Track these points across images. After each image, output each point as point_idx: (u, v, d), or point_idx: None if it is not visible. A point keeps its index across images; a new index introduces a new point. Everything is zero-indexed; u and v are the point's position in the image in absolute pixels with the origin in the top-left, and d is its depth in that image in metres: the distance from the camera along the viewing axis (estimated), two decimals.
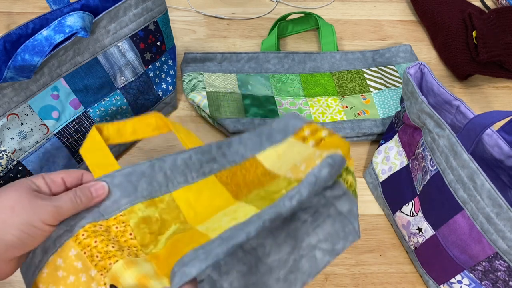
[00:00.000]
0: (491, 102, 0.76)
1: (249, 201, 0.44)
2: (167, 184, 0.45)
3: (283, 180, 0.45)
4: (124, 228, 0.41)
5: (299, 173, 0.44)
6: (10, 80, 0.47)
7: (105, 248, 0.39)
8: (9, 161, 0.51)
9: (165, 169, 0.45)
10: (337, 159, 0.40)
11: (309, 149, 0.46)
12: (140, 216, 0.42)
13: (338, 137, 0.46)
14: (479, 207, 0.45)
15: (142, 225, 0.42)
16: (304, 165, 0.44)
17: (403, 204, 0.56)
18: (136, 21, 0.57)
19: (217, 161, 0.48)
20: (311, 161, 0.43)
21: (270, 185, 0.46)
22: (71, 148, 0.57)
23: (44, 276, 0.39)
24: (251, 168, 0.48)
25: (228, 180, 0.47)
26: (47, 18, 0.52)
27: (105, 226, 0.41)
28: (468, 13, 0.77)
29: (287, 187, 0.43)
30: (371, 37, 0.83)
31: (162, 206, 0.44)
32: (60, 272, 0.39)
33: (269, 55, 0.73)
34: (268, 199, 0.42)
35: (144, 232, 0.42)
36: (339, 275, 0.57)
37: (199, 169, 0.47)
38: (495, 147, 0.52)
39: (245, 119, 0.64)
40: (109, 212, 0.41)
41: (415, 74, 0.54)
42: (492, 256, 0.45)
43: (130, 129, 0.49)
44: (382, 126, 0.68)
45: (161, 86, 0.66)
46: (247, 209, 0.42)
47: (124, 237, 0.41)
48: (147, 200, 0.43)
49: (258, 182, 0.47)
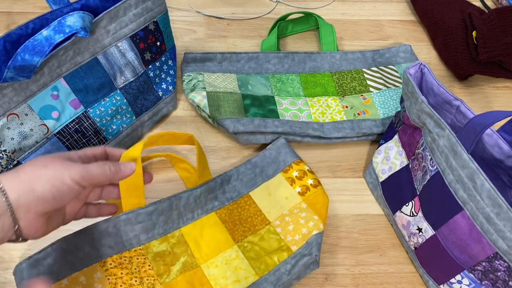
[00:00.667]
0: (491, 102, 0.76)
1: (246, 251, 0.54)
2: (178, 221, 0.54)
3: (274, 236, 0.55)
4: (144, 260, 0.50)
5: (286, 234, 0.55)
6: (10, 80, 0.47)
7: (129, 281, 0.48)
8: (9, 161, 0.51)
9: (179, 206, 0.54)
10: (317, 247, 0.54)
11: (295, 197, 0.58)
12: (155, 252, 0.51)
13: (321, 190, 0.59)
14: (479, 207, 0.45)
15: (157, 258, 0.51)
16: (292, 225, 0.55)
17: (403, 204, 0.56)
18: (136, 21, 0.57)
19: (218, 199, 0.57)
20: (297, 225, 0.55)
21: (262, 234, 0.55)
22: (71, 148, 0.57)
23: (62, 286, 0.46)
24: (245, 206, 0.58)
25: (226, 217, 0.56)
26: (47, 18, 0.52)
27: (128, 258, 0.50)
28: (468, 13, 0.77)
29: (279, 254, 0.53)
30: (371, 37, 0.83)
31: (173, 241, 0.53)
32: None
33: (269, 55, 0.73)
34: (263, 261, 0.53)
35: (159, 264, 0.51)
36: (339, 275, 0.57)
37: (204, 206, 0.56)
38: (495, 147, 0.52)
39: (245, 119, 0.64)
40: (130, 244, 0.50)
41: (415, 74, 0.54)
42: (492, 256, 0.45)
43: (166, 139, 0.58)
44: (382, 126, 0.68)
45: (161, 86, 0.66)
46: (248, 271, 0.52)
47: (144, 268, 0.50)
48: (161, 237, 0.52)
49: (251, 222, 0.56)
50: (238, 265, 0.53)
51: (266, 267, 0.53)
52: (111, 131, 0.61)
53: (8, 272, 0.54)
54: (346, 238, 0.60)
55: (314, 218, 0.56)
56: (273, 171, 0.61)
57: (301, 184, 0.59)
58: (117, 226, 0.50)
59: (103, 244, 0.49)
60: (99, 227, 0.49)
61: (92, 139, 0.59)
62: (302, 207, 0.57)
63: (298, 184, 0.59)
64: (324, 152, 0.68)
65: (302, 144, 0.68)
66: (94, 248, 0.48)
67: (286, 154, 0.62)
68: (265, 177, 0.60)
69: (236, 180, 0.59)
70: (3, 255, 0.56)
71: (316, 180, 0.60)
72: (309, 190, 0.59)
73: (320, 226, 0.55)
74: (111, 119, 0.60)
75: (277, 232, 0.55)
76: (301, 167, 0.61)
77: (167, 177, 0.63)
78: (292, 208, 0.57)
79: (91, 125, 0.58)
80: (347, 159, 0.67)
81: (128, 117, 0.62)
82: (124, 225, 0.50)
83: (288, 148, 0.62)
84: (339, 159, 0.67)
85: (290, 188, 0.59)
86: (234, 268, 0.52)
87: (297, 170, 0.60)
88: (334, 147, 0.69)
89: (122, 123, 0.62)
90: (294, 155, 0.62)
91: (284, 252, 0.54)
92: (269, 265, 0.53)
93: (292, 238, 0.55)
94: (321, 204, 0.58)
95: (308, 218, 0.56)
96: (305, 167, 0.61)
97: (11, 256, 0.56)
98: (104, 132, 0.60)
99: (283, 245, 0.54)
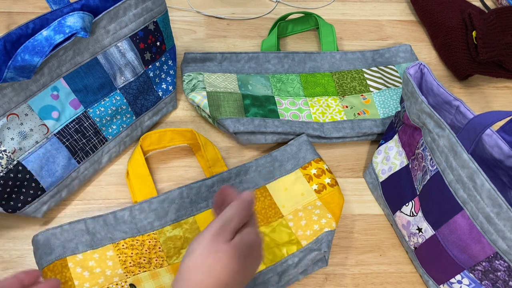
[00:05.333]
0: (491, 102, 0.76)
1: None
2: (191, 208, 0.56)
3: (285, 230, 0.56)
4: (155, 243, 0.54)
5: (298, 228, 0.55)
6: (10, 80, 0.47)
7: (138, 260, 0.52)
8: (9, 161, 0.51)
9: (191, 195, 0.57)
10: (327, 244, 0.54)
11: (311, 194, 0.59)
12: (168, 236, 0.54)
13: (338, 190, 0.59)
14: (479, 207, 0.45)
15: (169, 242, 0.54)
16: (304, 221, 0.56)
17: (403, 204, 0.56)
18: (136, 21, 0.57)
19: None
20: (310, 221, 0.56)
21: (274, 227, 0.56)
22: (71, 148, 0.57)
23: (76, 260, 0.51)
24: (260, 197, 0.59)
25: None
26: (47, 18, 0.52)
27: (140, 241, 0.54)
28: (468, 13, 0.77)
29: (288, 246, 0.54)
30: (371, 37, 0.83)
31: (186, 227, 0.55)
32: (91, 262, 0.51)
33: (269, 55, 0.73)
34: (271, 252, 0.54)
35: (170, 247, 0.54)
36: (339, 275, 0.57)
37: None
38: (495, 147, 0.52)
39: (245, 119, 0.64)
40: (144, 230, 0.54)
41: (415, 74, 0.54)
42: (492, 256, 0.45)
43: (169, 138, 0.63)
44: (382, 126, 0.68)
45: (161, 86, 0.66)
46: None
47: (155, 250, 0.53)
48: (174, 223, 0.55)
49: (264, 214, 0.57)
50: None
51: (274, 258, 0.53)
52: (111, 131, 0.61)
53: (8, 272, 0.54)
54: (346, 238, 0.60)
55: (327, 216, 0.56)
56: (292, 167, 0.61)
57: (318, 182, 0.60)
58: (133, 214, 0.55)
59: (119, 230, 0.54)
60: (116, 214, 0.54)
61: (92, 139, 0.59)
62: (316, 205, 0.58)
63: (315, 182, 0.60)
64: (324, 152, 0.68)
65: None
66: (109, 232, 0.53)
67: (306, 151, 0.62)
68: (283, 172, 0.61)
69: (255, 171, 0.60)
70: (3, 255, 0.56)
71: (334, 179, 0.60)
72: (325, 189, 0.59)
73: (332, 224, 0.56)
74: (111, 119, 0.60)
75: (289, 226, 0.56)
76: (320, 165, 0.61)
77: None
78: (306, 205, 0.58)
79: (91, 125, 0.58)
80: (347, 159, 0.67)
81: (128, 117, 0.62)
82: (139, 213, 0.55)
83: (309, 145, 0.63)
84: (339, 159, 0.67)
85: (307, 184, 0.60)
86: None
87: (316, 168, 0.61)
88: (334, 147, 0.69)
89: (122, 123, 0.62)
90: (314, 152, 0.62)
91: (294, 246, 0.54)
92: (277, 256, 0.53)
93: (303, 233, 0.55)
94: (336, 204, 0.58)
95: (321, 215, 0.56)
96: (324, 166, 0.61)
97: (11, 256, 0.56)
98: (104, 132, 0.60)
99: (294, 238, 0.55)
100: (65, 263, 0.50)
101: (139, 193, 0.58)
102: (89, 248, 0.52)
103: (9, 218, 0.58)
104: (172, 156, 0.65)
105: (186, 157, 0.65)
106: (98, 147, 0.60)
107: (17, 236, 0.57)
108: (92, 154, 0.60)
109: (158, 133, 0.62)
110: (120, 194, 0.61)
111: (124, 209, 0.55)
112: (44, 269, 0.50)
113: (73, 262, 0.51)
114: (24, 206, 0.54)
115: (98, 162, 0.61)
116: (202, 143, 0.62)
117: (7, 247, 0.56)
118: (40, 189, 0.55)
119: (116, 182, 0.62)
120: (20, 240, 0.57)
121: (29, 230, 0.57)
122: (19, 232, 0.57)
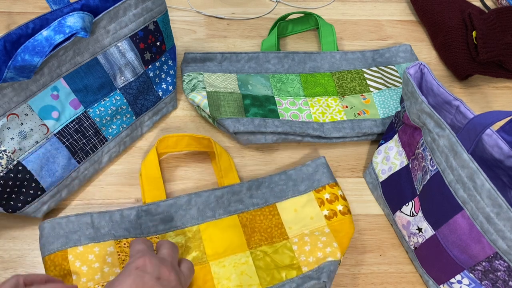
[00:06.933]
0: (491, 102, 0.76)
1: (256, 259, 0.54)
2: (197, 217, 0.56)
3: (288, 253, 0.54)
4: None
5: (301, 253, 0.54)
6: (10, 80, 0.47)
7: None
8: (9, 161, 0.51)
9: (199, 203, 0.56)
10: (327, 275, 0.52)
11: (321, 220, 0.57)
12: None
13: (349, 219, 0.57)
14: (479, 207, 0.45)
15: None
16: (309, 246, 0.54)
17: (403, 204, 0.56)
18: (136, 21, 0.57)
19: (243, 202, 0.58)
20: (315, 247, 0.54)
21: (277, 248, 0.55)
22: (71, 148, 0.57)
23: (77, 252, 0.51)
24: (268, 215, 0.57)
25: (247, 222, 0.57)
26: (47, 18, 0.52)
27: None
28: (468, 13, 0.77)
29: (288, 271, 0.53)
30: (371, 37, 0.83)
31: (189, 235, 0.55)
32: (91, 256, 0.51)
33: (269, 55, 0.73)
34: (270, 274, 0.52)
35: None
36: (339, 275, 0.57)
37: (227, 207, 0.57)
38: (495, 147, 0.52)
39: (245, 119, 0.64)
40: (148, 232, 0.54)
41: (415, 74, 0.54)
42: (492, 256, 0.45)
43: (186, 143, 0.62)
44: (382, 126, 0.68)
45: (161, 86, 0.66)
46: (253, 279, 0.52)
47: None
48: (178, 230, 0.55)
49: (269, 233, 0.56)
50: (244, 270, 0.52)
51: (272, 280, 0.52)
52: (111, 131, 0.61)
53: (8, 272, 0.54)
54: None
55: (333, 245, 0.54)
56: (305, 188, 0.59)
57: (329, 208, 0.58)
58: (139, 215, 0.55)
59: (123, 228, 0.54)
60: (123, 212, 0.54)
61: (92, 139, 0.59)
62: (324, 231, 0.56)
63: (327, 207, 0.58)
64: (324, 152, 0.68)
65: (302, 144, 0.68)
66: (113, 229, 0.53)
67: (322, 174, 0.60)
68: (295, 192, 0.59)
69: (267, 188, 0.59)
70: (3, 255, 0.56)
71: (347, 208, 0.58)
72: (336, 216, 0.57)
73: (337, 255, 0.54)
74: (111, 119, 0.60)
75: (292, 249, 0.55)
76: (334, 190, 0.59)
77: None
78: (314, 230, 0.56)
79: (91, 125, 0.58)
80: (347, 159, 0.67)
81: (128, 117, 0.63)
82: (145, 215, 0.55)
83: (327, 168, 0.61)
84: (339, 159, 0.67)
85: (318, 208, 0.58)
86: (240, 272, 0.52)
87: (330, 193, 0.59)
88: (334, 147, 0.69)
89: (122, 123, 0.62)
90: (330, 176, 0.60)
91: (294, 271, 0.53)
92: (275, 278, 0.52)
93: (305, 259, 0.54)
94: (345, 233, 0.56)
95: (327, 243, 0.55)
96: (338, 192, 0.59)
97: (11, 256, 0.56)
98: (104, 132, 0.60)
99: (295, 263, 0.53)
100: (65, 255, 0.51)
101: (148, 194, 0.58)
102: (91, 241, 0.52)
103: (9, 218, 0.58)
104: (188, 160, 0.65)
105: (202, 163, 0.65)
106: (98, 147, 0.60)
107: (17, 236, 0.57)
108: (92, 154, 0.60)
109: (176, 137, 0.61)
110: (120, 194, 0.61)
111: (131, 208, 0.55)
112: (45, 257, 0.51)
113: (73, 254, 0.51)
114: (24, 206, 0.54)
115: (98, 162, 0.61)
116: (218, 152, 0.61)
117: (7, 247, 0.56)
118: (40, 189, 0.55)
119: (116, 182, 0.62)
120: (20, 240, 0.57)
121: (29, 230, 0.57)
122: (19, 232, 0.57)
